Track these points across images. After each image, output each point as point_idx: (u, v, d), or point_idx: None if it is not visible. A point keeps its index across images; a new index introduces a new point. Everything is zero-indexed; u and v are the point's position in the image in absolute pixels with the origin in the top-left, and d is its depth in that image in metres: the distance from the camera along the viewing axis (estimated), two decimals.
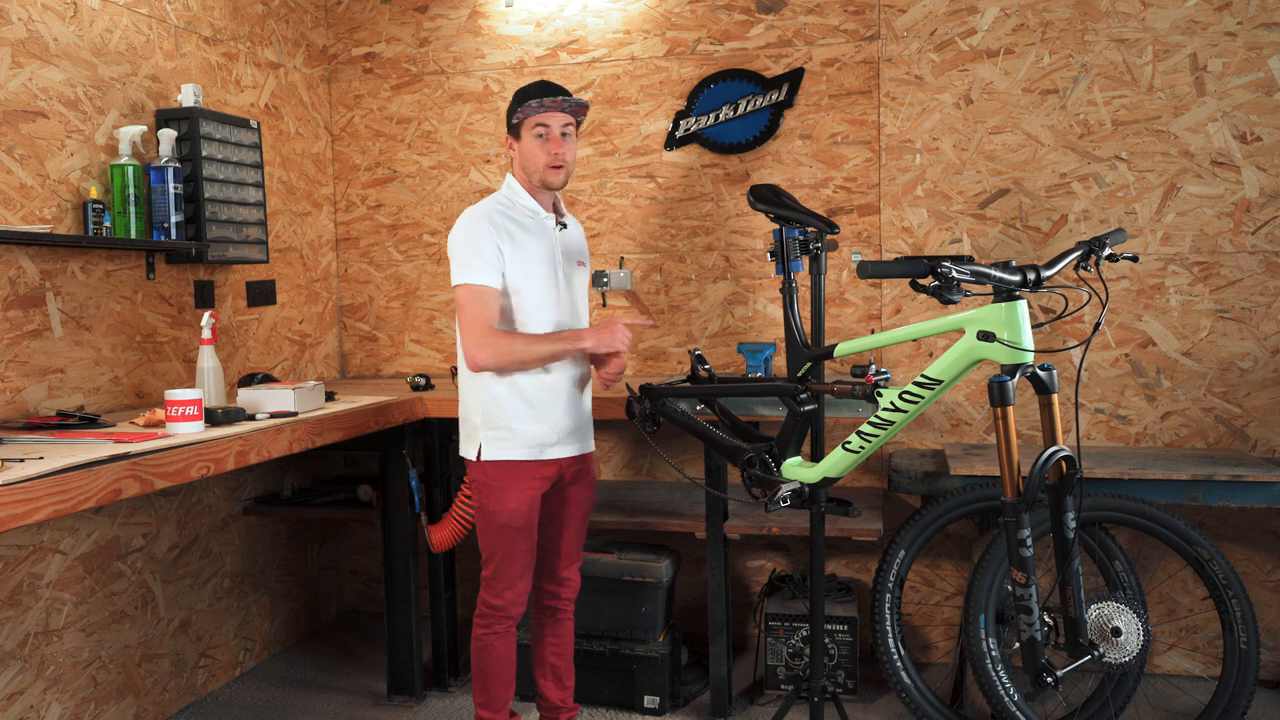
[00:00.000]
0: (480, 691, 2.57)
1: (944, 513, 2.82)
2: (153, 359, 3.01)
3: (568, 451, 2.52)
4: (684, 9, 3.53)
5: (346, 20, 3.90)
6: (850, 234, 3.42)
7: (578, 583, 2.69)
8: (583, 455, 2.59)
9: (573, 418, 2.52)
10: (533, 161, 2.43)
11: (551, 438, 2.48)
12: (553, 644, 2.68)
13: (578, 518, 2.63)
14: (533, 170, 2.44)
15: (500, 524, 2.45)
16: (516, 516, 2.45)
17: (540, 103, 2.38)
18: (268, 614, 3.58)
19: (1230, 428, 3.17)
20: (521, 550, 2.49)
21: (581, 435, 2.57)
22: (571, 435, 2.52)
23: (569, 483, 2.57)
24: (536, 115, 2.41)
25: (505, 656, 2.55)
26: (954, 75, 3.29)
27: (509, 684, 2.57)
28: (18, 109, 2.56)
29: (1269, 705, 3.00)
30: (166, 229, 2.84)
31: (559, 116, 2.42)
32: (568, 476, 2.56)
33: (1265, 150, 3.08)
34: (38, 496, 1.76)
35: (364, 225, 3.94)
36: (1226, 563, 2.62)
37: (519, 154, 2.46)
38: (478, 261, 2.36)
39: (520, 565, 2.50)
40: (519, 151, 2.46)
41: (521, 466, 2.45)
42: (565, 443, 2.51)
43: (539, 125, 2.41)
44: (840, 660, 3.09)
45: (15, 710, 2.55)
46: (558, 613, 2.67)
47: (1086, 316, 3.21)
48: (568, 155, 2.44)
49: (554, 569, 2.64)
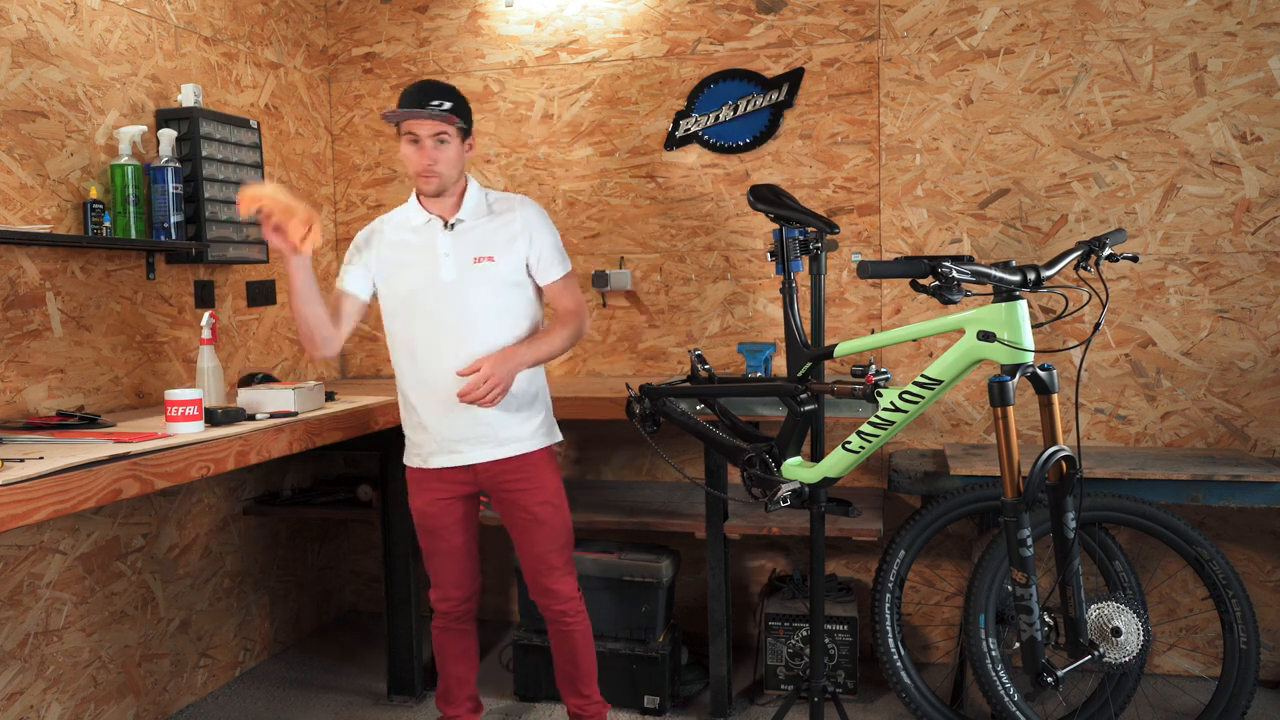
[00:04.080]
0: (440, 683, 2.73)
1: (944, 513, 2.82)
2: (153, 359, 3.01)
3: (456, 460, 2.44)
4: (684, 9, 3.53)
5: (346, 20, 3.90)
6: (850, 234, 3.42)
7: (570, 593, 2.57)
8: (496, 462, 2.45)
9: (460, 424, 2.41)
10: (407, 168, 2.41)
11: (431, 446, 2.46)
12: (565, 653, 2.62)
13: (526, 527, 2.50)
14: (411, 177, 2.43)
15: (419, 525, 2.57)
16: (424, 518, 2.54)
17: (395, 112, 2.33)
18: (268, 614, 3.58)
19: (1230, 428, 3.17)
20: (437, 550, 2.56)
21: (482, 442, 2.43)
22: (462, 443, 2.43)
23: (502, 490, 2.49)
24: (405, 123, 2.36)
25: (457, 653, 2.66)
26: (954, 75, 3.29)
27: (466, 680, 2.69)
28: (18, 109, 2.56)
29: (1269, 705, 3.00)
30: (166, 229, 2.84)
31: (426, 124, 2.34)
32: (493, 484, 2.48)
33: (1265, 150, 3.08)
34: (38, 496, 1.76)
35: (364, 225, 3.92)
36: (1226, 563, 2.62)
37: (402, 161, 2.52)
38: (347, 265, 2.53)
39: (436, 564, 2.58)
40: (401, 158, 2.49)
41: (417, 474, 2.53)
42: (453, 451, 2.43)
43: (409, 134, 2.37)
44: (840, 660, 3.09)
45: (15, 710, 2.55)
46: (557, 624, 2.60)
47: (1086, 317, 3.21)
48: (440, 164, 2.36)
49: (540, 582, 2.57)
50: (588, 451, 3.75)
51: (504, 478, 2.49)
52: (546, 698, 3.15)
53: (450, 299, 2.40)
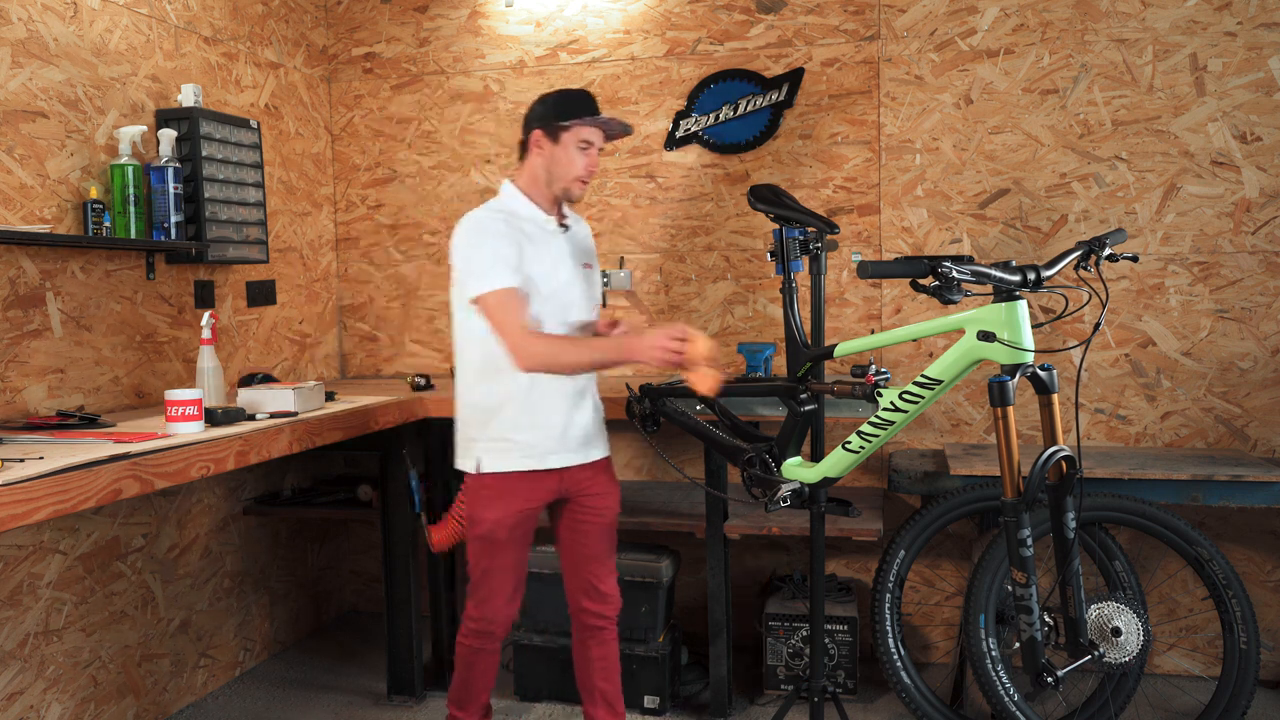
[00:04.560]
0: (459, 690, 2.54)
1: (944, 513, 2.82)
2: (153, 359, 3.01)
3: (576, 459, 2.43)
4: (684, 9, 3.53)
5: (346, 20, 3.90)
6: (850, 234, 3.42)
7: (619, 599, 2.54)
8: (593, 462, 2.47)
9: (575, 424, 2.42)
10: (566, 170, 2.35)
11: (549, 445, 2.39)
12: (600, 666, 2.53)
13: (598, 532, 2.49)
14: (559, 178, 2.36)
15: (479, 534, 2.38)
16: (499, 529, 2.36)
17: (595, 119, 2.34)
18: (268, 614, 3.58)
19: (1230, 428, 3.17)
20: (497, 567, 2.40)
21: (587, 442, 2.46)
22: (575, 442, 2.43)
23: (583, 492, 2.47)
24: (590, 128, 2.34)
25: (489, 669, 2.52)
26: (954, 75, 3.29)
27: (487, 689, 2.55)
28: (18, 109, 2.56)
29: (1269, 705, 3.00)
30: (166, 229, 2.84)
31: (601, 134, 2.39)
32: (580, 486, 2.46)
33: (1265, 150, 3.08)
34: (38, 496, 1.76)
35: (364, 225, 3.94)
36: (1226, 563, 2.62)
37: (549, 158, 2.36)
38: (497, 265, 2.24)
39: (494, 583, 2.41)
40: (551, 156, 2.36)
41: (519, 478, 2.37)
42: (567, 451, 2.42)
43: (585, 140, 2.34)
44: (840, 660, 3.09)
45: (15, 710, 2.55)
46: (602, 631, 2.52)
47: (1086, 317, 3.21)
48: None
49: (592, 584, 2.49)
50: None
51: (595, 478, 2.47)
52: (547, 697, 3.15)
53: (571, 296, 2.43)
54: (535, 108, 2.40)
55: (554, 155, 2.35)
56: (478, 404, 2.40)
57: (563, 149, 2.34)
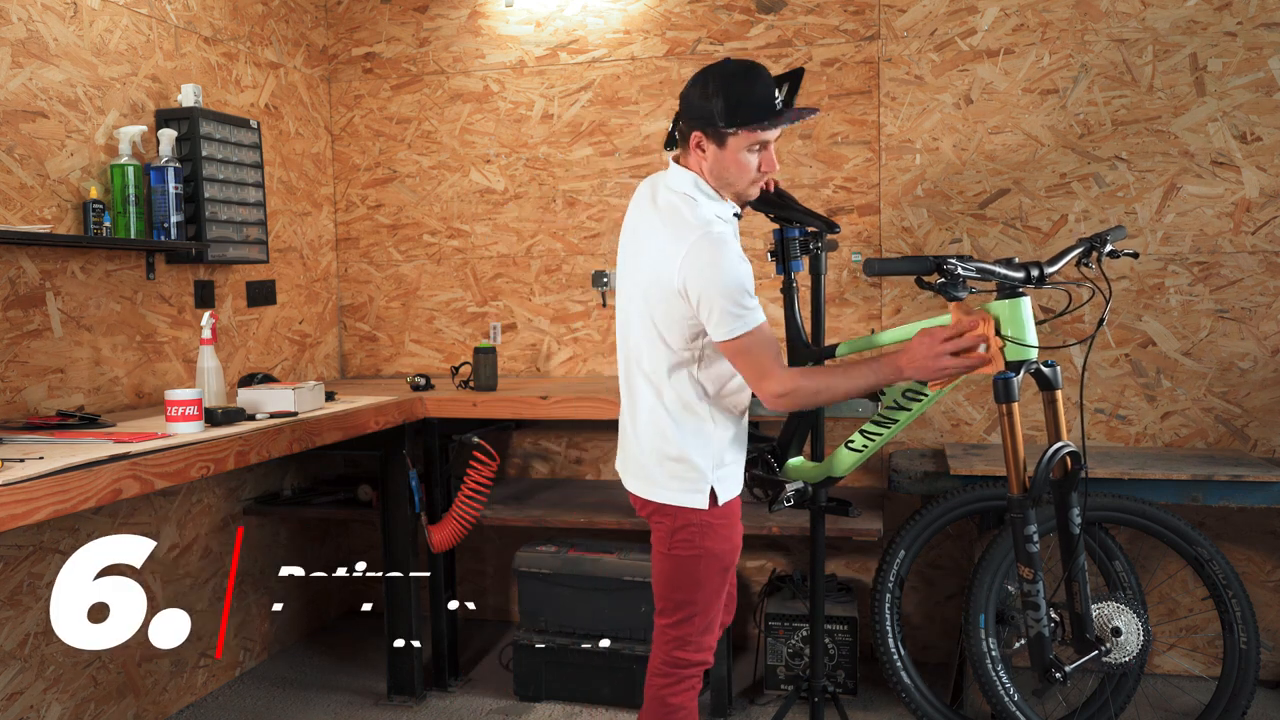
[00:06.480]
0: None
1: (944, 513, 2.82)
2: (153, 359, 3.00)
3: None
4: (684, 9, 3.53)
5: (346, 20, 3.89)
6: (850, 234, 3.42)
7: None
8: None
9: None
10: (739, 176, 1.99)
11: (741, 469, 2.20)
12: None
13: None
14: (728, 184, 2.01)
15: (724, 566, 2.11)
16: (735, 554, 2.15)
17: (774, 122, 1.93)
18: (268, 614, 3.57)
19: (1230, 428, 3.17)
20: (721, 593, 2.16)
21: None
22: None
23: None
24: (765, 132, 1.94)
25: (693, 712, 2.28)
26: (954, 75, 3.30)
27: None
28: (18, 109, 2.55)
29: (1269, 705, 3.00)
30: (166, 229, 2.84)
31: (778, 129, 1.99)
32: None
33: (1265, 150, 3.08)
34: (38, 496, 1.76)
35: (364, 225, 3.93)
36: (1226, 563, 2.62)
37: (714, 162, 1.97)
38: (749, 297, 1.91)
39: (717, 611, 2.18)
40: (716, 160, 1.97)
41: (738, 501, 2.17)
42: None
43: (759, 142, 1.96)
44: (840, 660, 3.09)
45: (15, 710, 2.54)
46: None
47: (1087, 316, 3.21)
48: None
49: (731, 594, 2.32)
50: (588, 451, 3.75)
51: None
52: (547, 698, 3.15)
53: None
54: (694, 98, 1.97)
55: (720, 160, 1.97)
56: (710, 438, 2.07)
57: (730, 154, 1.96)
